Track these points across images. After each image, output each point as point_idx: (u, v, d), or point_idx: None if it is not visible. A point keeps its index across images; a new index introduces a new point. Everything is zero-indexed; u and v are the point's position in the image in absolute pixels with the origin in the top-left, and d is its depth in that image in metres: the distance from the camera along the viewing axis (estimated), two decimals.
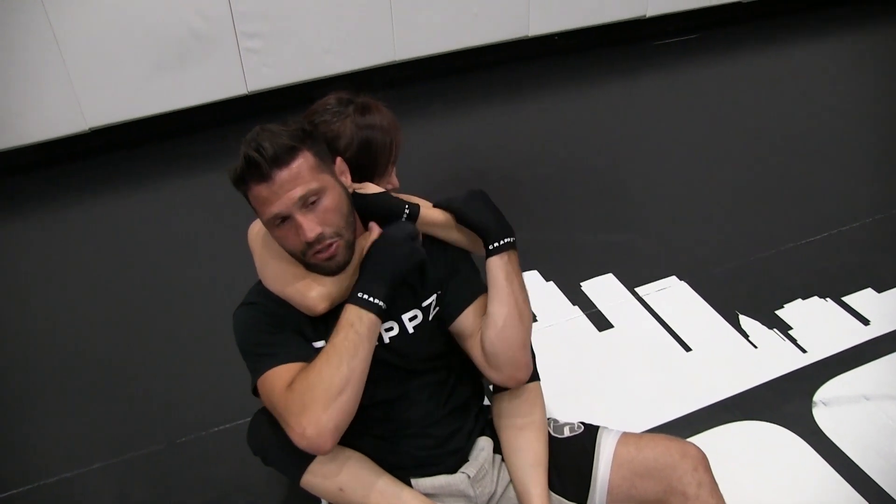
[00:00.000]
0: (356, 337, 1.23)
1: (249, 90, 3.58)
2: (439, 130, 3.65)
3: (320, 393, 1.20)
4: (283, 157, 1.22)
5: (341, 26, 3.61)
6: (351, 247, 1.32)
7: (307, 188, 1.23)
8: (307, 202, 1.24)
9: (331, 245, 1.27)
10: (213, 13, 3.30)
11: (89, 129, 3.34)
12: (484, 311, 1.40)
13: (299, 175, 1.23)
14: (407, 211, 1.35)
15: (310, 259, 1.29)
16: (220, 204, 3.09)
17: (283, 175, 1.22)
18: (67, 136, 3.33)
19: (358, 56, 3.74)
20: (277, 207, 1.23)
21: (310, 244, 1.25)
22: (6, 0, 2.95)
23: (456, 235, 1.41)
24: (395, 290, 1.30)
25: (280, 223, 1.26)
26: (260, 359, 1.30)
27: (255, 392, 1.33)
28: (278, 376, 1.26)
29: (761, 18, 4.83)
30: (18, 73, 3.11)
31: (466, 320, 1.40)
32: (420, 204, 1.40)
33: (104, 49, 3.19)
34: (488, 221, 1.36)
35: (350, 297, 1.26)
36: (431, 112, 3.80)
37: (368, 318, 1.25)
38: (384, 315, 1.27)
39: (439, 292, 1.42)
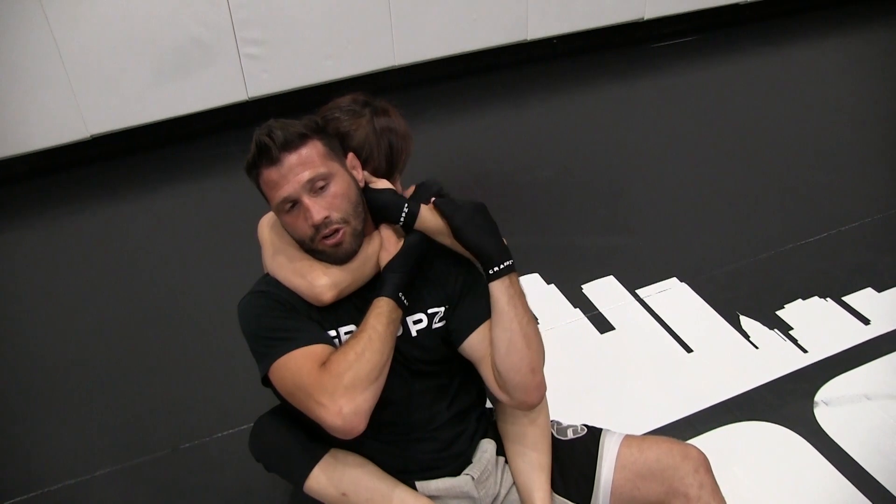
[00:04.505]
0: (394, 331, 1.29)
1: (250, 96, 3.59)
2: (439, 135, 3.66)
3: (363, 374, 1.21)
4: (293, 142, 1.27)
5: (341, 32, 3.63)
6: (359, 236, 1.33)
7: (315, 172, 1.26)
8: (315, 186, 1.27)
9: (338, 231, 1.29)
10: (213, 20, 3.32)
11: (91, 136, 3.35)
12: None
13: (308, 159, 1.27)
14: (406, 210, 1.35)
15: (317, 245, 1.30)
16: (221, 210, 3.10)
17: (292, 159, 1.26)
18: (69, 144, 3.34)
19: (358, 61, 3.75)
20: (286, 191, 1.26)
21: (317, 228, 1.27)
22: (8, 8, 2.96)
23: (452, 241, 1.40)
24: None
25: (289, 208, 1.29)
26: (277, 343, 1.29)
27: (265, 381, 1.33)
28: (304, 357, 1.25)
29: (758, 20, 4.84)
30: (20, 81, 3.12)
31: (475, 344, 1.39)
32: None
33: (105, 56, 3.20)
34: (488, 245, 1.34)
35: (389, 294, 1.30)
36: (431, 116, 3.81)
37: (399, 314, 1.31)
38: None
39: (447, 306, 1.41)
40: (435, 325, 1.41)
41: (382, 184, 1.40)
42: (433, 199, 1.38)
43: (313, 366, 1.23)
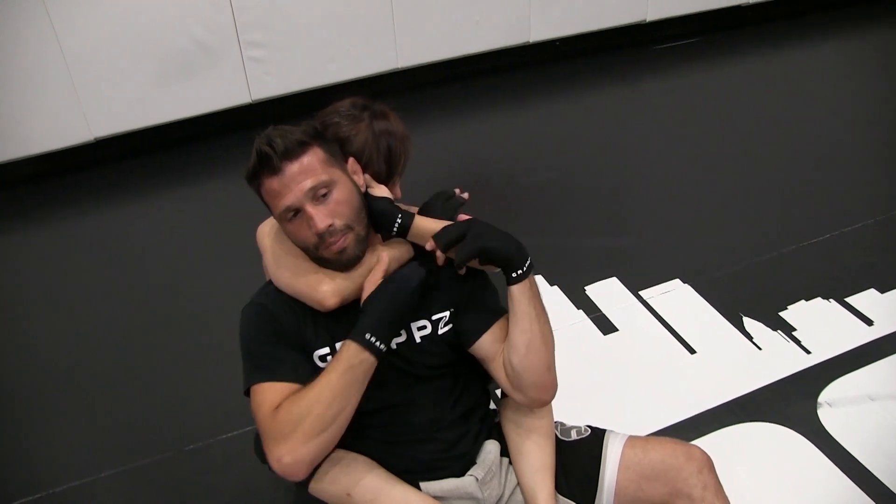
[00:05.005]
0: (353, 379, 1.23)
1: (253, 99, 3.60)
2: (442, 137, 3.67)
3: (305, 427, 1.21)
4: (293, 151, 1.25)
5: (344, 35, 3.63)
6: (363, 242, 1.32)
7: (317, 180, 1.25)
8: (318, 194, 1.26)
9: (342, 237, 1.28)
10: (216, 23, 3.33)
11: (94, 139, 3.37)
12: (504, 334, 1.40)
13: (310, 168, 1.25)
14: (399, 220, 1.35)
15: (322, 253, 1.29)
16: (225, 212, 3.11)
17: (293, 168, 1.25)
18: (73, 147, 3.35)
19: (361, 64, 3.76)
20: (289, 200, 1.25)
21: (321, 236, 1.26)
22: (12, 11, 2.97)
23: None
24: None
25: (292, 217, 1.28)
26: (256, 368, 1.31)
27: (248, 393, 1.34)
28: (268, 393, 1.27)
29: (761, 22, 4.84)
30: (24, 84, 3.13)
31: (486, 345, 1.39)
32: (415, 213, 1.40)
33: (109, 60, 3.21)
34: (507, 251, 1.33)
35: (355, 335, 1.24)
36: (434, 119, 3.82)
37: (369, 361, 1.24)
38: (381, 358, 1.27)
39: (453, 310, 1.41)
40: (441, 331, 1.40)
41: (381, 191, 1.39)
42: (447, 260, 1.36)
43: (270, 407, 1.24)
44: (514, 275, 1.33)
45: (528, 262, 1.34)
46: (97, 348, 2.44)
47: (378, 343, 1.24)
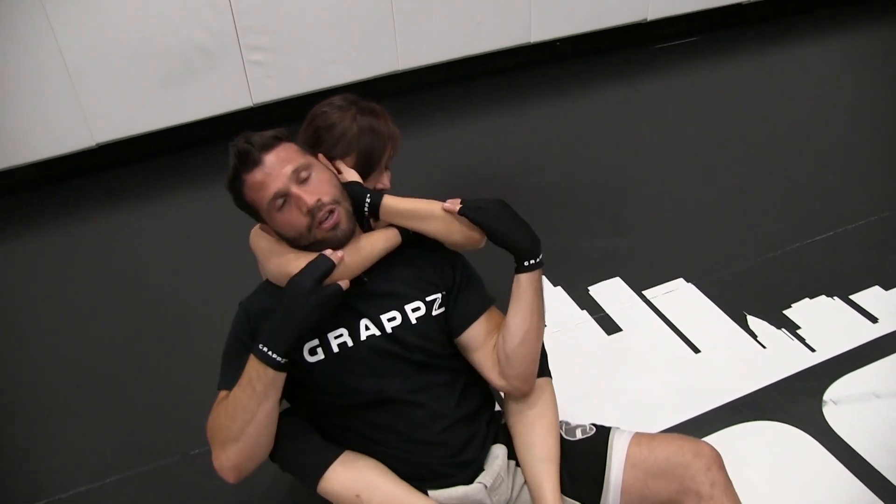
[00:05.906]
0: (253, 394, 1.27)
1: (255, 103, 3.60)
2: (443, 138, 3.66)
3: (219, 436, 1.32)
4: (270, 144, 1.34)
5: (345, 37, 3.64)
6: (352, 218, 1.37)
7: (297, 163, 1.34)
8: (300, 177, 1.33)
9: (332, 211, 1.33)
10: (217, 27, 3.33)
11: (96, 144, 3.37)
12: (492, 324, 1.45)
13: (287, 155, 1.34)
14: (368, 199, 1.39)
15: (315, 234, 1.34)
16: (227, 216, 3.10)
17: (272, 158, 1.33)
18: (75, 152, 3.35)
19: (362, 66, 3.76)
20: (275, 186, 1.32)
21: (312, 213, 1.31)
22: (12, 17, 2.98)
23: (424, 226, 1.42)
24: (303, 340, 1.34)
25: (281, 205, 1.33)
26: (222, 372, 1.40)
27: None
28: (220, 399, 1.36)
29: (761, 20, 4.84)
30: (25, 90, 3.13)
31: (474, 334, 1.45)
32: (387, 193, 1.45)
33: (110, 64, 3.21)
34: (523, 239, 1.41)
35: (252, 348, 1.28)
36: (435, 120, 3.82)
37: (267, 374, 1.26)
38: (287, 368, 1.28)
39: (444, 293, 1.46)
40: (435, 312, 1.44)
41: (351, 175, 1.46)
42: (460, 207, 1.41)
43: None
44: (525, 263, 1.39)
45: (540, 255, 1.40)
46: (101, 353, 2.44)
47: (272, 353, 1.25)
